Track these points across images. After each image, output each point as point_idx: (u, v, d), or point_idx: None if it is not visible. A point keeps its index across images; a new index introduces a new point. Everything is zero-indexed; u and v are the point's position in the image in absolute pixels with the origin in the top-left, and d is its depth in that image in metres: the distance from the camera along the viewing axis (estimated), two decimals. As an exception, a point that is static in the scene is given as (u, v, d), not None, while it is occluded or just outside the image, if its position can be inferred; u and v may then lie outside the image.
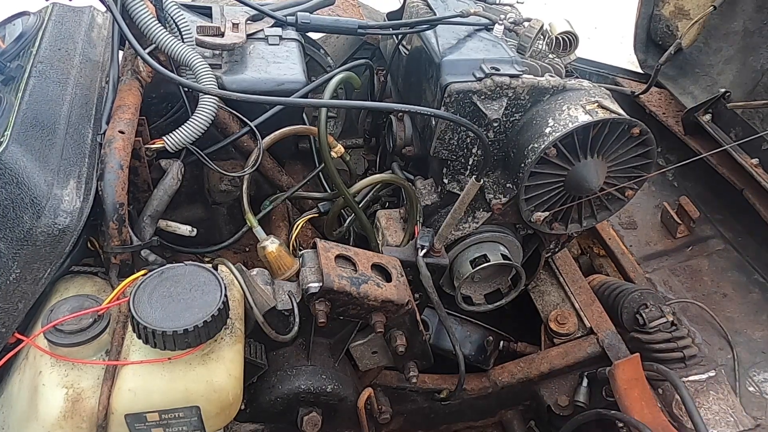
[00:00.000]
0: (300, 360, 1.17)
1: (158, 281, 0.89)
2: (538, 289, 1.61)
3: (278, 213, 1.48)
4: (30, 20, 1.18)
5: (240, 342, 0.94)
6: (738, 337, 1.64)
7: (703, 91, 1.91)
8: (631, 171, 1.33)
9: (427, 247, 1.28)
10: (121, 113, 1.10)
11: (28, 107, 0.98)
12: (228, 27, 1.35)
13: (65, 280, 0.99)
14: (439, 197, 1.38)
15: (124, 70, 1.22)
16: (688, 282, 1.82)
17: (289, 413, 1.17)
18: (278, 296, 1.08)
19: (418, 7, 1.50)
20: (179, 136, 1.17)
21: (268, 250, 1.22)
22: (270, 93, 1.30)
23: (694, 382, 1.44)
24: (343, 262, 1.13)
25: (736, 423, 1.38)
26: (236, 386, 0.91)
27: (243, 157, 1.36)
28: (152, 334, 0.83)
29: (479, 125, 1.25)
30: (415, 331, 1.19)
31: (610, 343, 1.47)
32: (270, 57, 1.38)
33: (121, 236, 1.00)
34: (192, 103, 1.23)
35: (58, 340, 0.84)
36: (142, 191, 1.17)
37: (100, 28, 1.33)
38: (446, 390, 1.46)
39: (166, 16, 1.25)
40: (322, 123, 1.27)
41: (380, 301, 1.09)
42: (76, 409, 0.83)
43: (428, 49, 1.34)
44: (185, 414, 0.87)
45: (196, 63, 1.19)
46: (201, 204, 1.44)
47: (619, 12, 5.00)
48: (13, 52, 1.11)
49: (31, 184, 0.89)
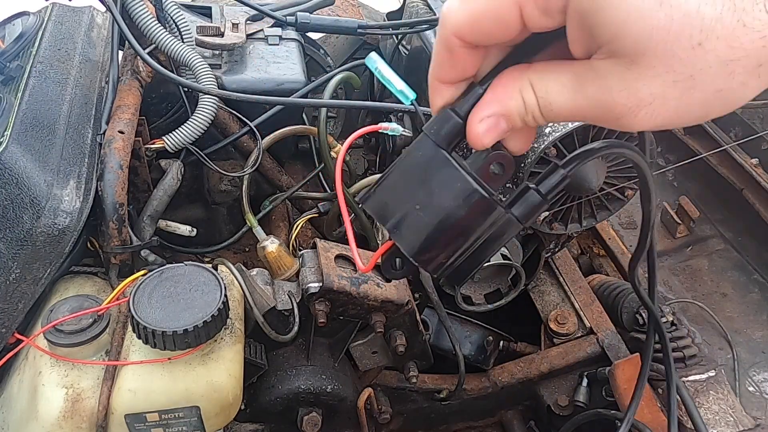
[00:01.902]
0: (300, 360, 1.17)
1: (158, 281, 0.89)
2: (538, 289, 1.61)
3: (278, 213, 1.47)
4: (30, 20, 1.18)
5: (240, 342, 0.94)
6: (738, 337, 1.64)
7: (703, 91, 1.90)
8: (630, 171, 1.33)
9: (427, 247, 1.28)
10: (121, 113, 1.10)
11: (27, 107, 0.98)
12: (228, 27, 1.35)
13: (65, 280, 0.99)
14: (439, 197, 1.38)
15: (124, 70, 1.22)
16: (688, 282, 1.82)
17: (289, 413, 1.17)
18: (278, 296, 1.08)
19: (418, 7, 1.50)
20: (179, 136, 1.17)
21: (267, 250, 1.22)
22: (270, 93, 1.30)
23: (694, 382, 1.44)
24: (343, 262, 1.13)
25: (736, 423, 1.38)
26: (236, 386, 0.91)
27: (243, 157, 1.36)
28: (152, 335, 0.83)
29: (479, 125, 1.25)
30: (415, 331, 1.19)
31: (610, 343, 1.47)
32: (270, 57, 1.38)
33: (121, 236, 1.00)
34: (192, 103, 1.23)
35: (58, 340, 0.84)
36: (142, 191, 1.17)
37: (100, 28, 1.33)
38: (446, 390, 1.46)
39: (166, 16, 1.25)
40: (322, 123, 1.27)
41: (380, 301, 1.09)
42: (76, 409, 0.83)
43: (428, 49, 1.34)
44: (185, 414, 0.87)
45: (196, 63, 1.19)
46: (201, 204, 1.44)
47: (619, 12, 5.00)
48: (13, 52, 1.11)
49: (31, 184, 0.88)
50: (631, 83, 0.38)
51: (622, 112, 0.39)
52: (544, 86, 0.40)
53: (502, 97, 0.42)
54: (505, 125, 0.42)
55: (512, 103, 0.41)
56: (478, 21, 0.40)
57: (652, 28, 0.36)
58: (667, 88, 0.37)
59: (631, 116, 0.38)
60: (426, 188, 0.43)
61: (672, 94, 0.37)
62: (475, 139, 0.43)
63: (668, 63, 0.36)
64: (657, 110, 0.38)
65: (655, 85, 0.37)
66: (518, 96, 0.41)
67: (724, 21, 0.35)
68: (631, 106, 0.38)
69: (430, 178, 0.43)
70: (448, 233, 0.44)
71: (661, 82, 0.37)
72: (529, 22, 0.39)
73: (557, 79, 0.40)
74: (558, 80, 0.40)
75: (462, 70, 0.44)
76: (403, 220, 0.44)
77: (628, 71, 0.37)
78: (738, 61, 0.36)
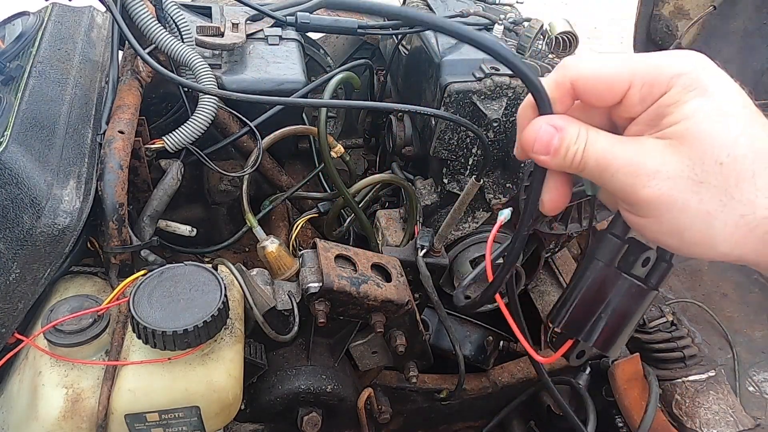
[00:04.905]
0: (300, 360, 1.17)
1: (158, 281, 0.89)
2: (538, 289, 1.61)
3: (278, 213, 1.47)
4: (30, 20, 1.18)
5: (240, 342, 0.94)
6: (738, 337, 1.64)
7: (703, 91, 1.90)
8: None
9: (427, 247, 1.28)
10: (121, 113, 1.10)
11: (27, 107, 0.98)
12: (228, 27, 1.35)
13: (65, 280, 0.99)
14: (439, 197, 1.38)
15: (124, 70, 1.22)
16: (688, 282, 1.82)
17: (288, 413, 1.17)
18: (278, 296, 1.08)
19: (417, 8, 1.50)
20: (179, 136, 1.17)
21: (268, 250, 1.22)
22: (270, 93, 1.30)
23: (694, 382, 1.44)
24: (343, 262, 1.13)
25: (736, 423, 1.38)
26: (236, 386, 0.91)
27: (243, 157, 1.36)
28: (152, 335, 0.82)
29: (479, 125, 1.25)
30: (415, 331, 1.19)
31: (610, 342, 1.47)
32: (270, 57, 1.38)
33: (121, 236, 1.00)
34: (192, 103, 1.23)
35: (57, 340, 0.84)
36: (142, 191, 1.17)
37: (100, 28, 1.33)
38: (446, 390, 1.46)
39: (166, 16, 1.25)
40: (322, 123, 1.27)
41: (380, 301, 1.09)
42: (76, 409, 0.83)
43: (428, 49, 1.34)
44: (185, 414, 0.87)
45: (196, 63, 1.19)
46: (201, 204, 1.44)
47: (619, 12, 5.00)
48: (13, 52, 1.11)
49: (31, 184, 0.88)
50: (666, 157, 0.47)
51: (642, 173, 0.47)
52: (595, 134, 0.51)
53: (567, 125, 0.51)
54: (556, 143, 0.51)
55: (571, 130, 0.50)
56: (596, 78, 0.50)
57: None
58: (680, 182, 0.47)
59: (646, 179, 0.47)
60: (605, 299, 0.57)
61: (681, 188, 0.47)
62: (526, 142, 0.52)
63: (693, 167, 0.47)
64: (661, 185, 0.47)
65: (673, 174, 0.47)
66: (576, 130, 0.51)
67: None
68: (648, 172, 0.47)
69: (606, 290, 0.56)
70: (625, 324, 0.57)
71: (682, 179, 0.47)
72: (626, 100, 0.49)
73: (606, 135, 0.51)
74: (606, 135, 0.51)
75: (555, 109, 0.53)
76: (593, 328, 0.57)
77: (667, 149, 0.47)
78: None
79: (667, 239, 0.49)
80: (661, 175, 0.46)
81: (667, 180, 0.46)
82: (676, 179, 0.46)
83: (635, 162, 0.47)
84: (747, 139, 0.45)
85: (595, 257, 0.57)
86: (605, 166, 0.48)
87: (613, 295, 0.56)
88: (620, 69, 0.48)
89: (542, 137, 0.51)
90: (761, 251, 0.47)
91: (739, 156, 0.45)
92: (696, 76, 0.46)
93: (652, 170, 0.46)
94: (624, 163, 0.48)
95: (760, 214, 0.45)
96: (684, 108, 0.46)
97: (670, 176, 0.46)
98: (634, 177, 0.47)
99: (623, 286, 0.56)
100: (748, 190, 0.45)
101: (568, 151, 0.50)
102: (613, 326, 0.56)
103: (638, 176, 0.47)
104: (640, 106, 0.48)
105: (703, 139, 0.45)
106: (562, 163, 0.51)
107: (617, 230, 0.57)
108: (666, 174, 0.46)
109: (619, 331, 0.57)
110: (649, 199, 0.47)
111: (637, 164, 0.47)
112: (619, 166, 0.48)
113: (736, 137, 0.45)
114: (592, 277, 0.57)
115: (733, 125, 0.45)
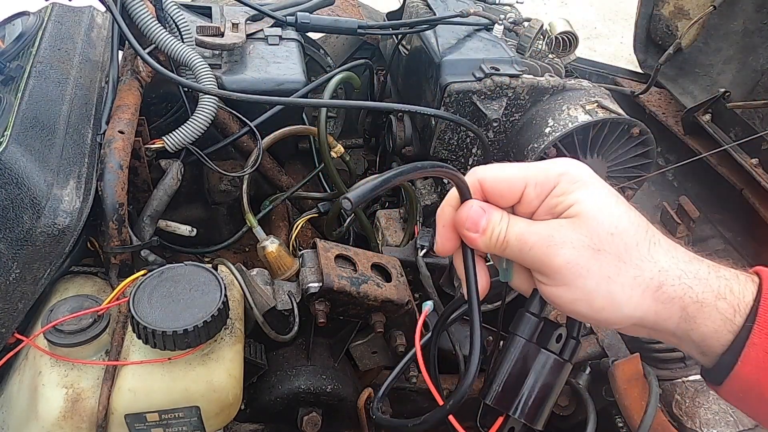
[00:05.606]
0: (300, 360, 1.17)
1: (158, 281, 0.89)
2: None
3: (278, 213, 1.48)
4: (30, 20, 1.18)
5: (240, 342, 0.94)
6: (738, 337, 1.64)
7: (703, 91, 1.90)
8: (630, 171, 1.33)
9: (427, 246, 1.28)
10: (121, 113, 1.10)
11: (27, 107, 0.98)
12: (228, 27, 1.35)
13: (65, 280, 0.99)
14: (439, 197, 1.38)
15: (124, 70, 1.22)
16: (688, 282, 1.81)
17: (289, 413, 1.17)
18: (278, 296, 1.07)
19: (417, 7, 1.50)
20: (179, 136, 1.17)
21: (268, 250, 1.22)
22: (270, 93, 1.30)
23: (694, 382, 1.43)
24: (343, 262, 1.13)
25: (736, 423, 1.38)
26: (236, 386, 0.91)
27: (243, 157, 1.36)
28: (152, 334, 0.82)
29: (479, 125, 1.25)
30: (415, 331, 1.19)
31: (610, 342, 1.47)
32: (270, 57, 1.38)
33: (121, 236, 1.00)
34: (192, 103, 1.23)
35: (57, 340, 0.84)
36: (142, 191, 1.17)
37: (100, 28, 1.33)
38: (446, 390, 1.46)
39: (166, 16, 1.25)
40: (322, 123, 1.27)
41: (380, 301, 1.09)
42: (76, 409, 0.83)
43: (428, 49, 1.34)
44: (185, 414, 0.87)
45: (196, 63, 1.19)
46: (201, 204, 1.44)
47: (619, 12, 5.00)
48: (13, 52, 1.11)
49: (31, 184, 0.88)
50: (569, 231, 0.56)
51: (553, 244, 0.56)
52: (514, 218, 0.60)
53: (491, 209, 0.60)
54: (483, 223, 0.59)
55: (495, 213, 0.60)
56: (498, 180, 0.59)
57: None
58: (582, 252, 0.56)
59: (556, 248, 0.56)
60: (528, 372, 0.64)
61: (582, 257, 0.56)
62: (459, 219, 0.61)
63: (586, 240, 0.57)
64: (569, 253, 0.56)
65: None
66: (499, 214, 0.60)
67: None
68: (557, 243, 0.56)
69: (529, 364, 0.64)
70: (548, 396, 0.63)
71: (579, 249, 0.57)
72: (524, 198, 0.59)
73: (522, 218, 0.60)
74: (522, 219, 0.60)
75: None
76: (520, 404, 0.64)
77: (569, 225, 0.56)
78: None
79: (579, 307, 0.57)
80: (568, 245, 0.55)
81: (573, 249, 0.55)
82: (579, 248, 0.55)
83: (547, 236, 0.56)
84: (627, 216, 0.56)
85: (516, 334, 0.65)
86: (524, 242, 0.57)
87: (536, 367, 0.63)
88: (517, 173, 0.59)
89: (473, 216, 0.59)
90: (659, 311, 0.56)
91: (624, 228, 0.56)
92: (576, 173, 0.57)
93: (560, 241, 0.56)
94: (538, 238, 0.57)
95: (647, 275, 0.55)
96: (573, 195, 0.56)
97: (575, 246, 0.55)
98: (547, 248, 0.56)
99: (543, 359, 0.63)
100: (636, 256, 0.55)
101: (493, 232, 0.59)
102: (538, 398, 0.63)
103: (551, 246, 0.56)
104: (537, 201, 0.58)
105: (594, 215, 0.55)
106: (489, 242, 0.60)
107: (534, 309, 0.65)
108: (572, 244, 0.55)
109: (544, 402, 0.63)
110: (560, 266, 0.56)
111: (549, 237, 0.56)
112: (535, 242, 0.57)
113: (620, 214, 0.56)
114: (515, 352, 0.65)
115: (614, 206, 0.56)
